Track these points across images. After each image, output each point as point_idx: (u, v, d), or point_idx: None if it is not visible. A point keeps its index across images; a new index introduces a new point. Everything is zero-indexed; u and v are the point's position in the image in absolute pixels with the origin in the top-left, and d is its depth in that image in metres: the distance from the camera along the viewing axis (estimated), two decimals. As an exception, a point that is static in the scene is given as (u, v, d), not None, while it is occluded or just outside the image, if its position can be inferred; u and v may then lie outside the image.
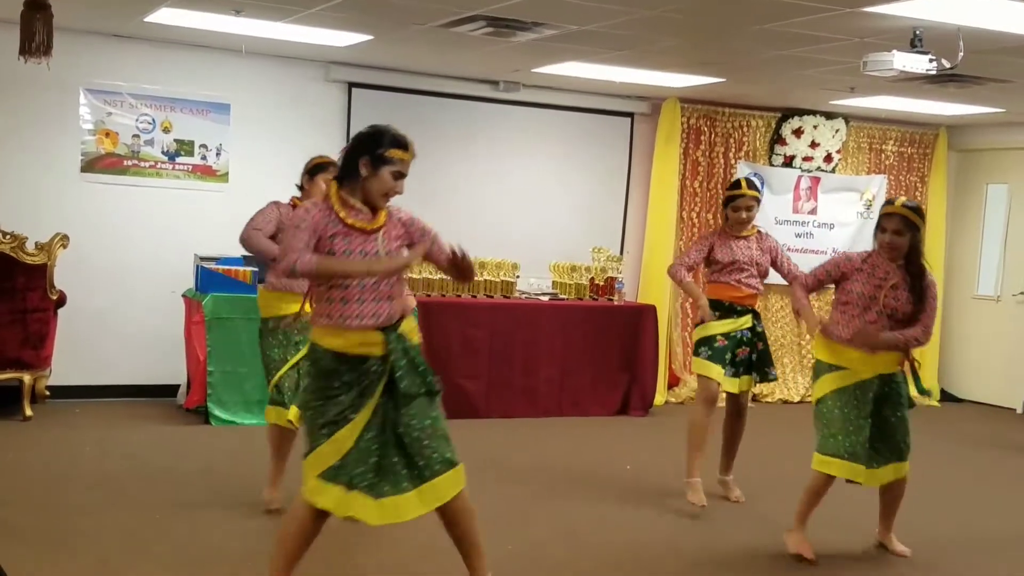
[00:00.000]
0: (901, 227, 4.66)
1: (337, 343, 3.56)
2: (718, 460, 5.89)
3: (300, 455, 3.72)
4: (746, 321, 5.65)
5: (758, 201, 5.78)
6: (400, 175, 3.75)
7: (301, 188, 5.35)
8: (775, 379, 5.82)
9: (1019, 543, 5.37)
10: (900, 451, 4.78)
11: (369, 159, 3.67)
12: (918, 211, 4.74)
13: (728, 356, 5.59)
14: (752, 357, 5.69)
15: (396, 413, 3.58)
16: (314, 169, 5.31)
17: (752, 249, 5.74)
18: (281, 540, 3.70)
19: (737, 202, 5.70)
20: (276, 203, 5.29)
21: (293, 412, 4.98)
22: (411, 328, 3.75)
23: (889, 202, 4.88)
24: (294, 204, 5.28)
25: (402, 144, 3.77)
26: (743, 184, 5.80)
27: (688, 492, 5.56)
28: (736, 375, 5.63)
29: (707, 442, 5.63)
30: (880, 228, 4.76)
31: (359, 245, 3.61)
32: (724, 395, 5.79)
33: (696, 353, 5.70)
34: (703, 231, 9.27)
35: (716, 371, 5.58)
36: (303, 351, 4.87)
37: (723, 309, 5.64)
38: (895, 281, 4.70)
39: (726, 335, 5.59)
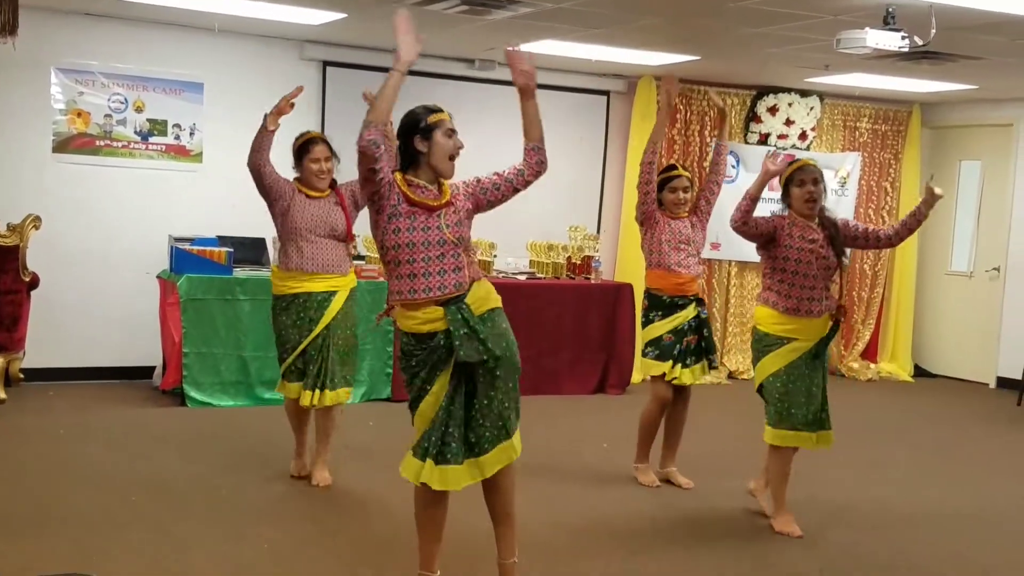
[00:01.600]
0: (818, 176, 4.86)
1: (408, 324, 3.70)
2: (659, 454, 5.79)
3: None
4: (690, 311, 5.55)
5: (691, 182, 5.77)
6: (452, 131, 3.92)
7: (299, 179, 5.39)
8: (717, 367, 5.84)
9: (986, 517, 5.44)
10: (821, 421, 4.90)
11: (419, 135, 3.84)
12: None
13: (676, 349, 5.51)
14: (701, 344, 5.61)
15: (465, 386, 3.70)
16: (301, 149, 5.38)
17: (687, 228, 5.68)
18: (417, 525, 3.87)
19: (673, 183, 5.64)
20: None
21: (330, 397, 5.17)
22: (482, 295, 3.77)
23: (794, 160, 5.06)
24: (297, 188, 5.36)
25: (436, 108, 3.96)
26: (679, 167, 5.80)
27: (639, 476, 5.63)
28: (687, 365, 5.53)
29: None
30: (799, 182, 4.88)
31: (422, 223, 3.71)
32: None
33: (644, 355, 5.60)
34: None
35: (667, 367, 5.49)
36: (318, 329, 5.11)
37: (664, 306, 5.54)
38: (821, 239, 4.83)
39: (672, 331, 5.52)
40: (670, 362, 5.49)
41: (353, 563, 4.23)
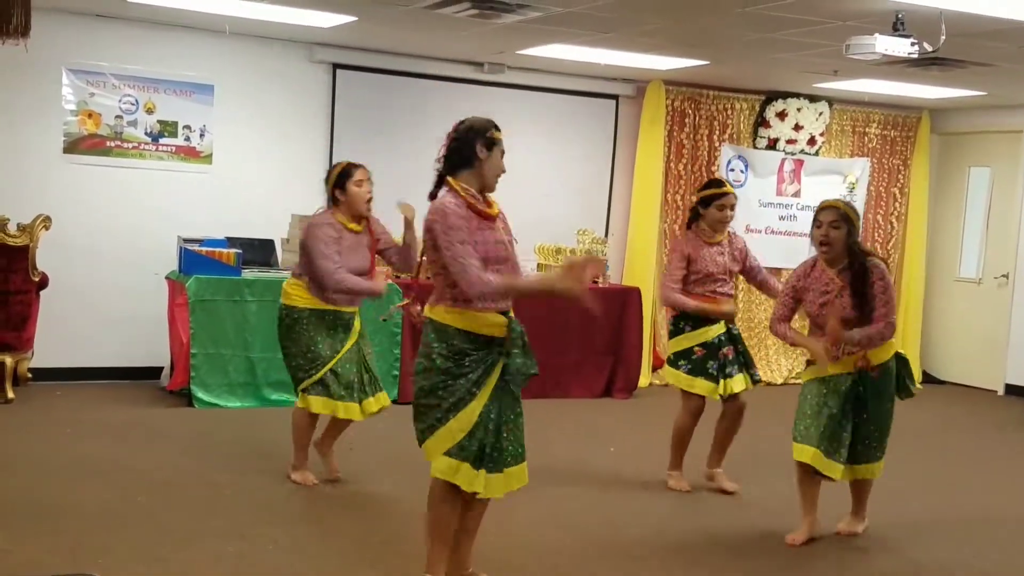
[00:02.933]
0: (837, 219, 4.62)
1: (468, 324, 3.67)
2: (706, 454, 5.74)
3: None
4: (720, 326, 5.48)
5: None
6: (503, 153, 3.92)
7: (334, 201, 5.26)
8: (759, 381, 5.65)
9: (992, 524, 5.43)
10: (867, 454, 4.79)
11: (483, 143, 3.85)
12: (852, 208, 4.74)
13: (710, 365, 5.43)
14: (740, 357, 5.52)
15: (502, 395, 3.71)
16: (343, 175, 5.25)
17: (724, 256, 5.52)
18: (433, 528, 3.78)
19: (722, 200, 5.48)
20: (319, 222, 5.24)
21: (371, 406, 5.15)
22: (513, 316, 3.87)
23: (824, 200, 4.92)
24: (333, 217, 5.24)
25: (497, 127, 3.97)
26: (725, 183, 5.67)
27: (670, 481, 5.60)
28: (731, 375, 5.45)
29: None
30: (815, 223, 4.70)
31: (491, 235, 3.75)
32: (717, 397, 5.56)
33: (674, 365, 5.50)
34: (672, 239, 9.28)
35: (701, 385, 5.44)
36: (352, 340, 5.11)
37: (695, 320, 5.47)
38: (838, 288, 4.65)
39: (704, 345, 5.45)
40: (703, 379, 5.41)
41: (355, 563, 4.24)
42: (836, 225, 4.62)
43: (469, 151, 3.83)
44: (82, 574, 3.93)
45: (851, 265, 4.64)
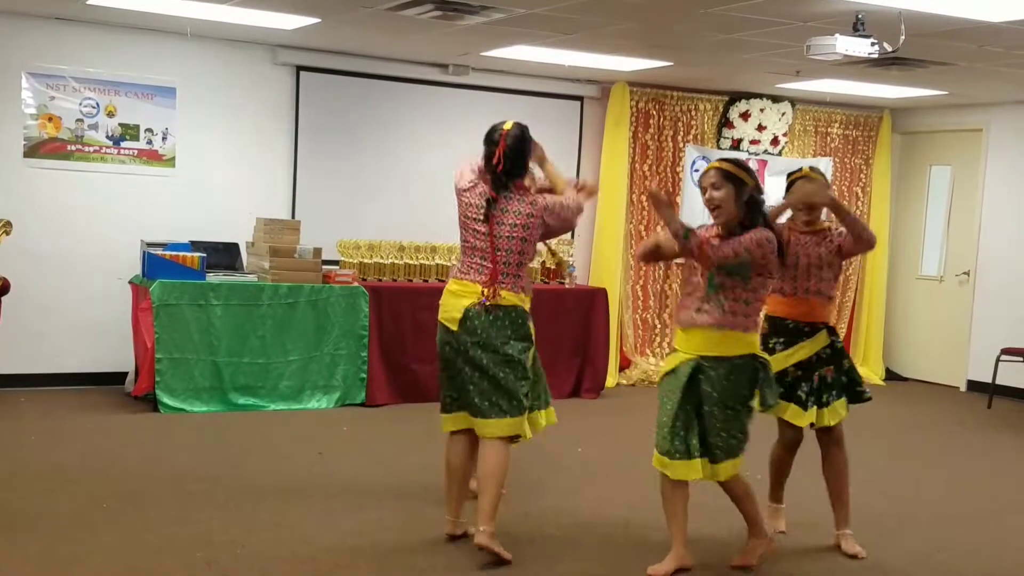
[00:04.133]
0: (717, 179, 4.12)
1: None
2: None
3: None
4: (820, 340, 4.68)
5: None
6: None
7: None
8: (870, 398, 4.83)
9: (955, 521, 5.50)
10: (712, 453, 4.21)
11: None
12: (738, 164, 4.21)
13: (806, 387, 4.65)
14: (842, 378, 4.75)
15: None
16: None
17: (819, 247, 4.75)
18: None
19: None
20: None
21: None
22: None
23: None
24: None
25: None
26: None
27: (767, 515, 4.79)
28: (825, 403, 4.66)
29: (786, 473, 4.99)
30: (701, 190, 4.24)
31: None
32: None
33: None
34: (649, 216, 9.34)
35: (796, 413, 4.66)
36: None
37: (787, 331, 4.68)
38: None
39: (799, 364, 4.65)
40: (792, 404, 4.61)
41: (325, 567, 4.22)
42: (717, 186, 4.12)
43: (527, 160, 4.56)
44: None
45: (743, 228, 4.09)
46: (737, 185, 4.12)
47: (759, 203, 4.16)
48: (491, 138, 4.52)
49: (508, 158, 4.41)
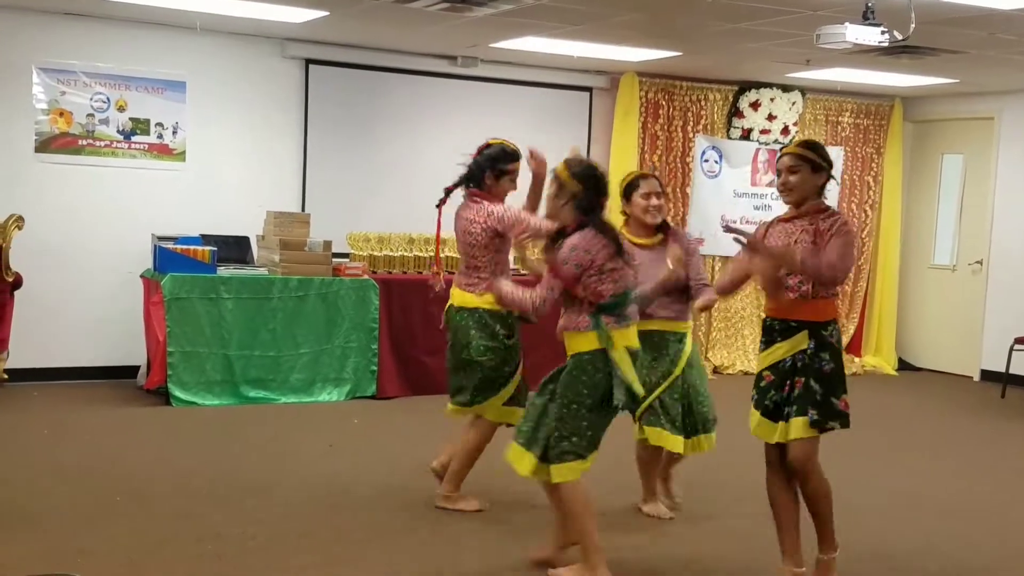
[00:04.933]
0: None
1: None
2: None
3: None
4: (799, 341, 4.02)
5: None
6: None
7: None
8: (828, 427, 3.96)
9: (967, 511, 5.48)
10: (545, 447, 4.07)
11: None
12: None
13: (775, 395, 4.06)
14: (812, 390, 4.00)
15: None
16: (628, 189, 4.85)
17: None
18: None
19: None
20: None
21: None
22: None
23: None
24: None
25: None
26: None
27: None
28: (785, 417, 4.02)
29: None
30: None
31: None
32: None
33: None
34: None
35: (757, 422, 4.12)
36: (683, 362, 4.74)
37: (767, 330, 4.18)
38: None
39: (772, 367, 4.11)
40: (757, 413, 4.06)
41: (334, 558, 4.24)
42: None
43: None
44: (64, 574, 3.91)
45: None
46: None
47: (586, 206, 3.94)
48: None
49: (470, 166, 4.88)
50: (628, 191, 4.86)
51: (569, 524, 4.05)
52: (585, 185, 3.98)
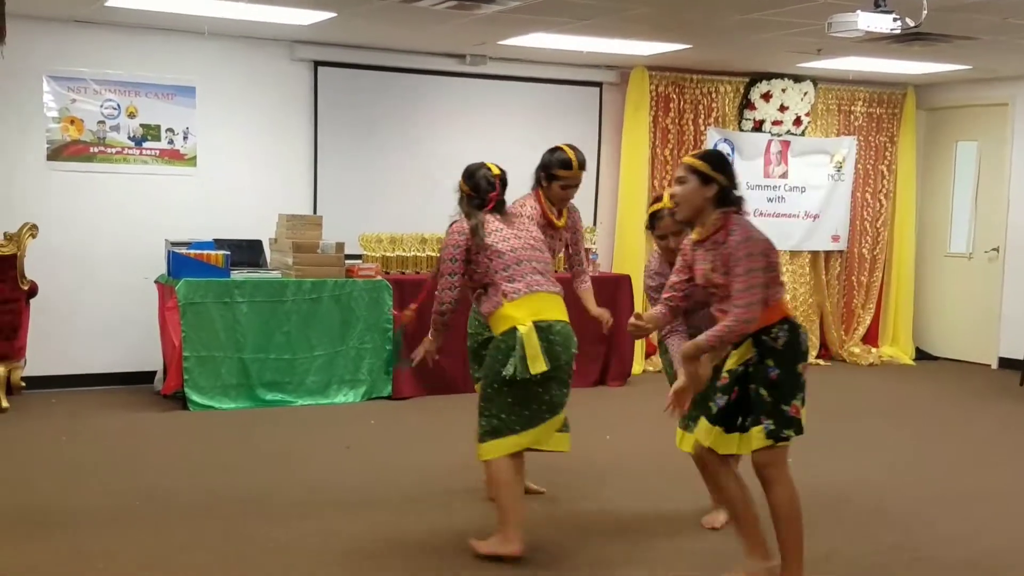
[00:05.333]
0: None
1: None
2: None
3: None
4: (745, 351, 3.86)
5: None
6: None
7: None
8: (781, 438, 3.78)
9: (990, 499, 5.44)
10: None
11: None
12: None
13: (725, 401, 3.89)
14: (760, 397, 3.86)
15: None
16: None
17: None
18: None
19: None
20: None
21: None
22: None
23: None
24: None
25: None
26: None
27: None
28: (741, 427, 3.91)
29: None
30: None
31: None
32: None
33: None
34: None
35: (704, 430, 3.98)
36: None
37: None
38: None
39: (731, 371, 3.93)
40: (703, 418, 3.95)
41: (356, 561, 4.23)
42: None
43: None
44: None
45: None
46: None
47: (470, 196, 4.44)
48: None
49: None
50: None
51: (496, 494, 4.30)
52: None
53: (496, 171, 4.51)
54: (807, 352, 3.94)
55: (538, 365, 4.14)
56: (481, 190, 4.46)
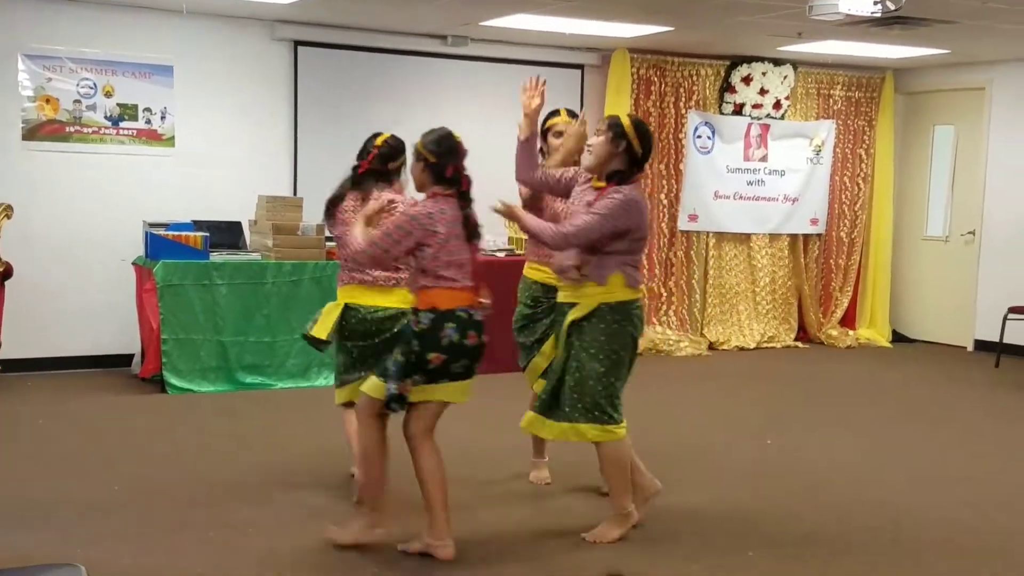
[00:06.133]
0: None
1: None
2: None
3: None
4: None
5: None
6: None
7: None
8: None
9: (968, 480, 5.49)
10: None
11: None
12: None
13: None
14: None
15: None
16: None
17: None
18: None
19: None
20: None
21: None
22: None
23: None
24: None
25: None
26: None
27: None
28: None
29: None
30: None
31: None
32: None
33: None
34: (652, 183, 9.30)
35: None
36: None
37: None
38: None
39: None
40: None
41: (340, 546, 4.22)
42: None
43: None
44: (68, 564, 3.88)
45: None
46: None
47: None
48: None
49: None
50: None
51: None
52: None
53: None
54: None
55: (317, 329, 4.70)
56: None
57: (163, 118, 7.80)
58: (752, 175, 9.72)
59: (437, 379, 3.98)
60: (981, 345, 9.65)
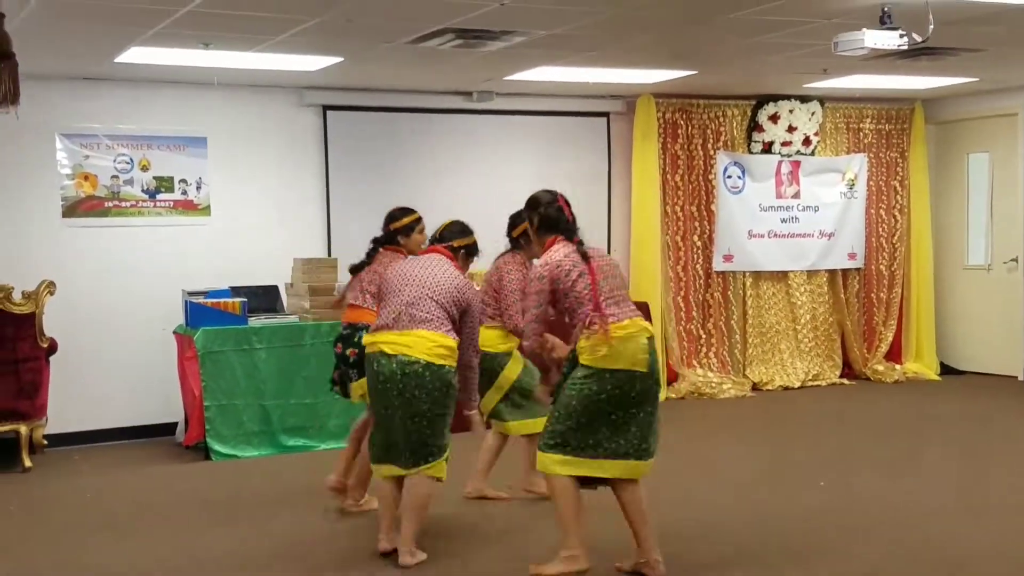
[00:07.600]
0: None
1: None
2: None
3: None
4: None
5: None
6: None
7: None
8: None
9: (1011, 512, 5.37)
10: None
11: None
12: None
13: None
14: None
15: None
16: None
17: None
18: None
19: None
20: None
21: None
22: None
23: None
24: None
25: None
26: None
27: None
28: None
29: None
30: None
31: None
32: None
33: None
34: (684, 225, 9.27)
35: None
36: None
37: None
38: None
39: None
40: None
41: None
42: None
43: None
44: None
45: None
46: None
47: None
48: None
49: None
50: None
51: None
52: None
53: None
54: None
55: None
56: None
57: (198, 188, 7.92)
58: (786, 212, 9.66)
59: None
60: (1032, 373, 9.46)
